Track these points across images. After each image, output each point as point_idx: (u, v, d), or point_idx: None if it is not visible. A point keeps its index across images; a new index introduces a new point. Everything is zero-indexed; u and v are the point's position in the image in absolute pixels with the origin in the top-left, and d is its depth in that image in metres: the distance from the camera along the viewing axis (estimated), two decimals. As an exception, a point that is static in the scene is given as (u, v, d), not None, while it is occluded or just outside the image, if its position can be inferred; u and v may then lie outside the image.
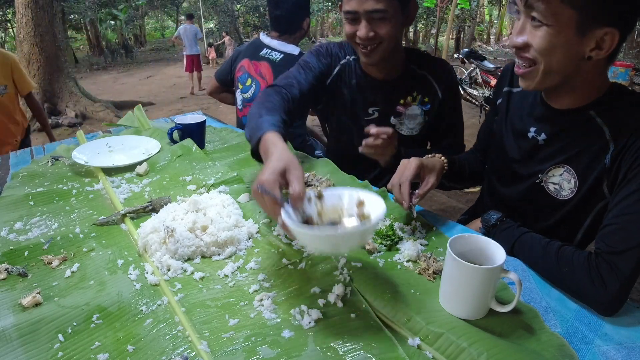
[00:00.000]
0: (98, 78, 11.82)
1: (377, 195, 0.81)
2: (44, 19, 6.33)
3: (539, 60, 0.85)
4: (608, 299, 0.77)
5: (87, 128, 6.42)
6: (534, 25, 0.83)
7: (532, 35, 0.84)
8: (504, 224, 0.98)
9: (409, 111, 1.42)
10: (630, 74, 4.54)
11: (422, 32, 21.14)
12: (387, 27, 1.24)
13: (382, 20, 1.23)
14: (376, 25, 1.24)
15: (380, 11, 1.21)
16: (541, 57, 0.85)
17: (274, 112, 1.11)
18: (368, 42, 1.26)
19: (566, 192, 0.96)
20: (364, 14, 1.22)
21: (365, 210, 0.82)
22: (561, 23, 0.79)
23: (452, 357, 0.67)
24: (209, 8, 19.42)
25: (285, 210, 0.73)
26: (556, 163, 0.97)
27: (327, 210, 0.84)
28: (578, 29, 0.79)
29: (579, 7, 0.77)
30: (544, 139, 0.99)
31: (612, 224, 0.82)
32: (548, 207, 1.00)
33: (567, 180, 0.95)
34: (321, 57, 1.44)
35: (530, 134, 1.02)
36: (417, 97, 1.40)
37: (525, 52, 0.87)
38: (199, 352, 0.69)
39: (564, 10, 0.78)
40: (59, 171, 1.36)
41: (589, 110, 0.90)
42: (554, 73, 0.86)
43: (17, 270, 0.87)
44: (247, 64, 1.96)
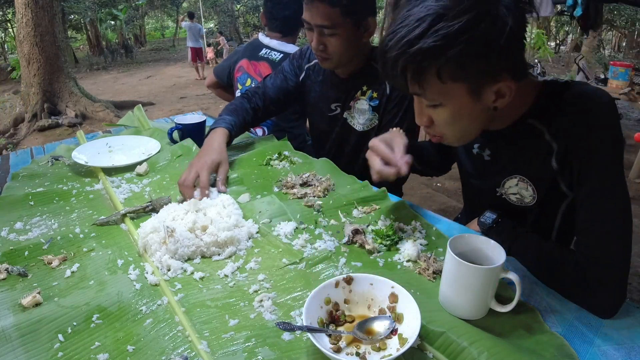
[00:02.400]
0: (98, 78, 11.81)
1: (409, 294, 0.73)
2: (44, 19, 6.32)
3: (445, 133, 0.86)
4: (602, 305, 0.78)
5: (87, 128, 6.42)
6: (429, 106, 0.81)
7: (432, 114, 0.83)
8: (500, 226, 0.97)
9: (357, 105, 1.42)
10: (630, 74, 4.53)
11: (422, 32, 21.10)
12: (337, 43, 1.27)
13: (332, 35, 1.26)
14: (326, 39, 1.27)
15: (328, 27, 1.24)
16: (447, 130, 0.85)
17: (233, 113, 1.42)
18: (318, 53, 1.31)
19: (528, 200, 0.96)
20: (315, 26, 1.25)
21: (397, 307, 0.74)
22: (453, 97, 0.78)
23: (453, 356, 0.67)
24: (209, 8, 19.41)
25: (315, 337, 0.66)
26: (507, 175, 0.97)
27: (356, 297, 0.77)
28: (472, 95, 0.77)
29: (463, 79, 0.75)
30: (488, 154, 0.99)
31: (584, 228, 0.82)
32: (517, 215, 1.00)
33: (525, 189, 0.95)
34: (295, 59, 1.55)
35: (475, 150, 1.02)
36: (367, 92, 1.40)
37: (431, 129, 0.87)
38: (199, 352, 0.69)
39: (450, 87, 0.76)
40: (59, 171, 1.36)
41: (527, 119, 0.88)
42: (467, 135, 0.87)
43: (17, 270, 0.87)
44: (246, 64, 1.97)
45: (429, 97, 0.79)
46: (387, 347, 0.69)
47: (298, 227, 1.03)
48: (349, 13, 1.22)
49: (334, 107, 1.47)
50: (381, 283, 0.76)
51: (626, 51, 13.77)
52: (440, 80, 0.74)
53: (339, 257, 0.92)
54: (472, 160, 1.06)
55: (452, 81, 0.75)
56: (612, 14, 12.18)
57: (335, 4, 1.19)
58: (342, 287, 0.77)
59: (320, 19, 1.23)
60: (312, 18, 1.24)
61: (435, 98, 0.78)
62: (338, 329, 0.72)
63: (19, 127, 6.63)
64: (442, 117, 0.81)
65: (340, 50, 1.28)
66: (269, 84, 1.54)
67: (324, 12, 1.21)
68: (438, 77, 0.74)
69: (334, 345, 0.69)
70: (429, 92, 0.77)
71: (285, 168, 1.37)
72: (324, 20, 1.22)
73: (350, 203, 1.13)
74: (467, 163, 1.09)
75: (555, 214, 0.97)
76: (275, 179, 1.29)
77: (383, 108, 1.39)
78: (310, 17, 1.25)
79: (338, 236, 0.99)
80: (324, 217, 1.08)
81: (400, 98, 1.35)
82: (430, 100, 0.79)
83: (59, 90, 6.86)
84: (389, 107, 1.37)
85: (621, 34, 15.79)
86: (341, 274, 0.85)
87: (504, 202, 1.01)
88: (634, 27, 13.80)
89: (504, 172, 0.97)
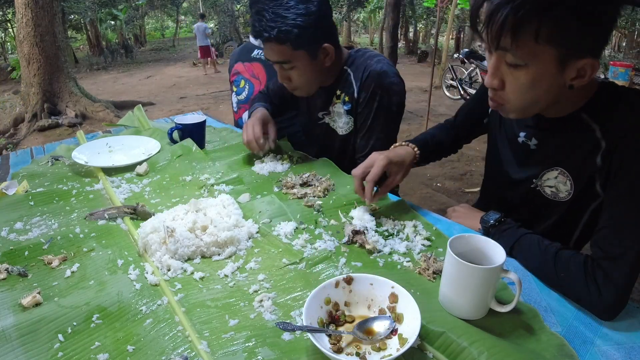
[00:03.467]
0: (98, 78, 11.81)
1: (409, 294, 0.73)
2: (44, 19, 6.33)
3: (511, 100, 0.84)
4: (604, 306, 0.77)
5: (87, 128, 6.42)
6: (511, 66, 0.79)
7: (509, 76, 0.81)
8: (503, 225, 0.97)
9: (335, 109, 1.44)
10: (630, 74, 4.53)
11: (422, 32, 21.14)
12: (298, 74, 1.31)
13: (292, 69, 1.29)
14: (288, 73, 1.31)
15: (285, 62, 1.27)
16: (515, 98, 0.83)
17: (262, 100, 1.59)
18: (287, 86, 1.37)
19: (563, 195, 0.95)
20: (274, 63, 1.30)
21: (397, 307, 0.74)
22: (541, 61, 0.77)
23: (453, 356, 0.67)
24: (209, 8, 19.41)
25: (315, 337, 0.66)
26: (549, 166, 0.96)
27: (356, 297, 0.77)
28: (559, 64, 0.77)
29: (558, 44, 0.74)
30: (535, 143, 0.98)
31: (605, 227, 0.82)
32: (545, 210, 1.00)
33: (563, 183, 0.95)
34: None
35: (520, 138, 1.01)
36: (341, 95, 1.41)
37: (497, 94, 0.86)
38: (199, 352, 0.69)
39: (542, 49, 0.75)
40: (59, 171, 1.36)
41: (581, 114, 0.88)
42: (534, 104, 0.85)
43: (17, 270, 0.87)
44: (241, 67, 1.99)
45: (518, 55, 0.76)
46: (387, 347, 0.69)
47: (298, 227, 1.03)
48: (299, 46, 1.23)
49: (321, 115, 1.49)
50: (381, 283, 0.76)
51: (626, 51, 13.77)
52: (536, 39, 0.73)
53: (339, 257, 0.92)
54: (515, 149, 1.04)
55: (546, 43, 0.73)
56: (612, 14, 12.17)
57: (283, 40, 1.21)
58: (342, 287, 0.77)
59: (276, 56, 1.26)
60: (269, 56, 1.29)
61: (523, 57, 0.76)
62: (338, 329, 0.72)
63: (19, 127, 6.63)
64: (521, 80, 0.80)
65: (303, 80, 1.32)
66: (270, 87, 1.63)
67: (276, 50, 1.25)
68: (535, 35, 0.72)
69: (334, 345, 0.69)
70: (520, 49, 0.75)
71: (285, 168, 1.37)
72: (279, 57, 1.26)
73: (350, 203, 1.13)
74: (507, 152, 1.08)
75: (582, 214, 0.96)
76: (275, 179, 1.29)
77: (354, 111, 1.39)
78: (269, 55, 1.29)
79: (338, 236, 0.99)
80: (324, 217, 1.08)
81: (368, 101, 1.33)
82: (517, 58, 0.77)
83: (59, 90, 6.86)
84: (359, 110, 1.37)
85: (621, 34, 15.79)
86: (341, 274, 0.85)
87: (537, 194, 1.00)
88: (634, 27, 13.80)
89: (546, 163, 0.96)
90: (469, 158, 4.55)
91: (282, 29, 1.18)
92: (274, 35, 1.20)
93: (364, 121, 1.36)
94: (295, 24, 1.19)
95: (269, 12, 1.20)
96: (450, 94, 7.82)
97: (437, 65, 8.95)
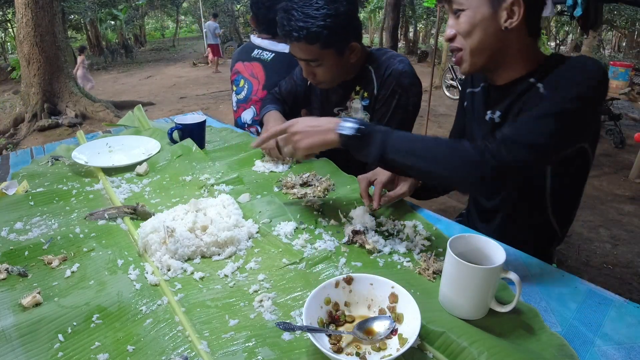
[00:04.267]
0: (98, 78, 11.79)
1: (409, 294, 0.73)
2: (44, 19, 6.32)
3: (464, 44, 0.95)
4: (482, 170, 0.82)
5: (87, 128, 6.42)
6: (456, 17, 0.94)
7: (456, 25, 0.95)
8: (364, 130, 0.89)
9: (353, 104, 1.45)
10: (630, 74, 4.52)
11: (422, 32, 21.13)
12: (324, 71, 1.32)
13: (319, 66, 1.30)
14: (313, 69, 1.32)
15: (313, 61, 1.28)
16: (465, 41, 0.95)
17: (274, 103, 1.58)
18: (311, 80, 1.37)
19: None
20: (300, 60, 1.31)
21: (397, 307, 0.74)
22: (474, 3, 0.91)
23: (453, 356, 0.67)
24: (209, 8, 19.41)
25: (315, 337, 0.66)
26: None
27: (356, 297, 0.77)
28: (489, 5, 0.90)
29: None
30: (499, 115, 1.04)
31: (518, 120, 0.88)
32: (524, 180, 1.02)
33: None
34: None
35: (488, 116, 1.06)
36: (360, 91, 1.42)
37: (454, 42, 0.97)
38: (199, 352, 0.69)
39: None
40: (59, 171, 1.36)
41: (529, 78, 0.96)
42: (478, 51, 0.95)
43: (17, 270, 0.87)
44: (241, 66, 1.99)
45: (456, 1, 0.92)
46: (387, 347, 0.69)
47: (298, 227, 1.03)
48: (328, 46, 1.25)
49: (337, 112, 1.50)
50: (381, 283, 0.76)
51: (626, 51, 13.77)
52: None
53: (339, 257, 0.92)
54: (484, 128, 1.08)
55: None
56: (612, 14, 12.18)
57: (314, 40, 1.22)
58: (342, 287, 0.77)
59: (304, 55, 1.28)
60: (296, 54, 1.30)
61: (462, 3, 0.92)
62: (338, 329, 0.72)
63: (19, 127, 6.63)
64: (463, 25, 0.93)
65: (328, 76, 1.34)
66: (283, 88, 1.65)
67: (304, 50, 1.26)
68: None
69: (334, 345, 0.69)
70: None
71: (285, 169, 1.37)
72: (307, 56, 1.27)
73: (350, 203, 1.13)
74: (478, 133, 1.12)
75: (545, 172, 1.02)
76: (275, 179, 1.29)
77: (372, 107, 1.42)
78: (296, 53, 1.30)
79: (338, 236, 0.99)
80: (324, 217, 1.08)
81: (387, 98, 1.36)
82: (456, 5, 0.93)
83: (59, 90, 6.85)
84: (377, 107, 1.40)
85: (621, 34, 15.79)
86: (341, 274, 0.85)
87: None
88: (634, 27, 13.80)
89: None
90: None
91: (311, 29, 1.20)
92: (304, 36, 1.20)
93: (381, 118, 1.38)
94: (325, 25, 1.20)
95: (298, 12, 1.20)
96: (450, 94, 7.82)
97: (437, 65, 8.95)
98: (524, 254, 0.95)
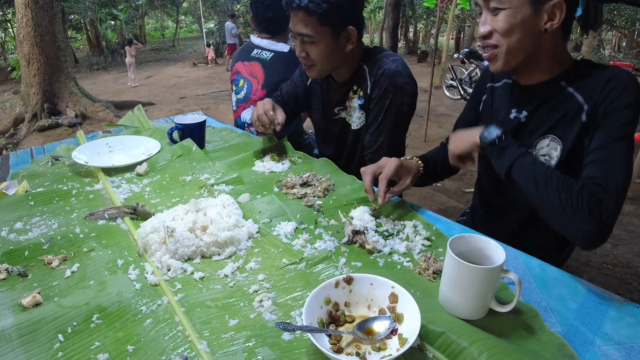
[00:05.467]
0: (98, 78, 11.81)
1: (409, 294, 0.73)
2: (44, 19, 6.32)
3: (501, 42, 0.95)
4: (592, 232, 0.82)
5: (87, 128, 6.42)
6: (494, 14, 0.93)
7: (493, 23, 0.94)
8: (503, 142, 0.95)
9: (351, 103, 1.45)
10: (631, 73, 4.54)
11: (422, 32, 21.13)
12: (317, 51, 1.31)
13: (312, 44, 1.30)
14: (307, 47, 1.32)
15: (307, 36, 1.28)
16: (503, 39, 0.94)
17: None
18: (302, 61, 1.36)
19: (554, 161, 1.00)
20: (296, 34, 1.30)
21: (397, 307, 0.74)
22: (516, 3, 0.90)
23: (453, 356, 0.67)
24: (209, 8, 19.40)
25: (315, 337, 0.66)
26: (541, 134, 1.01)
27: (356, 297, 0.77)
28: (531, 6, 0.90)
29: None
30: (525, 115, 1.04)
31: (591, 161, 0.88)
32: None
33: (555, 149, 1.00)
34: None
35: (512, 114, 1.06)
36: (357, 90, 1.43)
37: (489, 39, 0.96)
38: (199, 352, 0.69)
39: None
40: (59, 171, 1.36)
41: (559, 81, 0.97)
42: (516, 51, 0.95)
43: (17, 270, 0.87)
44: (240, 66, 2.00)
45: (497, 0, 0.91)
46: (387, 347, 0.69)
47: (298, 227, 1.03)
48: (326, 23, 1.25)
49: (337, 111, 1.50)
50: (381, 283, 0.76)
51: (626, 51, 13.77)
52: None
53: (339, 257, 0.92)
54: (507, 125, 1.07)
55: None
56: (612, 14, 12.18)
57: (312, 12, 1.22)
58: (342, 287, 0.77)
59: (300, 28, 1.27)
60: (294, 26, 1.29)
61: (502, 1, 0.91)
62: (338, 329, 0.72)
63: (19, 127, 6.63)
64: (502, 24, 0.92)
65: (320, 57, 1.33)
66: (284, 91, 1.65)
67: (302, 21, 1.26)
68: None
69: (334, 345, 0.69)
70: None
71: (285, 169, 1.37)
72: (303, 29, 1.27)
73: (350, 203, 1.13)
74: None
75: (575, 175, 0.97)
76: (275, 179, 1.29)
77: (367, 106, 1.42)
78: (293, 25, 1.29)
79: (338, 236, 0.99)
80: (324, 217, 1.08)
81: (380, 98, 1.35)
82: (496, 3, 0.92)
83: (59, 90, 6.85)
84: (371, 106, 1.40)
85: (621, 34, 15.79)
86: (341, 274, 0.85)
87: None
88: (634, 27, 13.79)
89: (538, 132, 1.02)
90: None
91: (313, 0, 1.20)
92: (304, 5, 1.21)
93: (375, 118, 1.38)
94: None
95: None
96: (450, 94, 7.82)
97: (437, 65, 8.96)
98: (524, 253, 0.95)
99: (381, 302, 0.76)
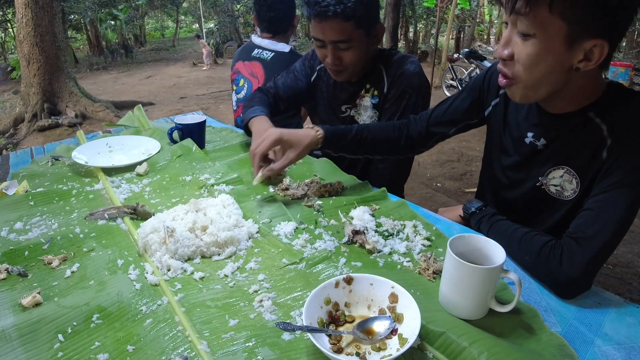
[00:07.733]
0: (98, 78, 11.80)
1: (409, 294, 0.73)
2: (44, 19, 6.32)
3: (519, 75, 0.84)
4: (564, 279, 0.81)
5: (87, 128, 6.42)
6: (521, 37, 0.80)
7: (518, 47, 0.82)
8: (481, 213, 1.04)
9: (363, 102, 1.45)
10: (630, 74, 4.54)
11: (422, 32, 21.12)
12: (352, 54, 1.30)
13: (348, 49, 1.29)
14: (341, 53, 1.30)
15: (344, 41, 1.26)
16: (523, 72, 0.83)
17: (261, 104, 1.45)
18: (334, 68, 1.34)
19: (568, 193, 0.95)
20: (329, 42, 1.28)
21: (397, 307, 0.74)
22: (549, 34, 0.77)
23: (453, 356, 0.67)
24: (209, 8, 19.40)
25: (315, 337, 0.66)
26: (555, 165, 0.96)
27: (356, 297, 0.77)
28: (566, 41, 0.77)
29: (569, 19, 0.75)
30: (543, 143, 0.97)
31: (587, 209, 0.85)
32: (548, 208, 1.00)
33: (569, 181, 0.94)
34: (307, 60, 1.59)
35: (528, 139, 1.00)
36: (370, 89, 1.43)
37: (507, 67, 0.86)
38: (199, 352, 0.69)
39: (553, 21, 0.75)
40: (59, 171, 1.36)
41: (588, 112, 0.88)
42: (538, 85, 0.85)
43: (17, 270, 0.87)
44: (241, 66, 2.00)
45: (529, 22, 0.77)
46: (387, 347, 0.69)
47: (298, 227, 1.03)
48: (362, 24, 1.25)
49: (345, 109, 1.50)
50: (381, 283, 0.76)
51: (626, 51, 13.76)
52: (549, 9, 0.74)
53: (339, 257, 0.92)
54: (521, 150, 1.03)
55: (558, 15, 0.75)
56: (612, 14, 12.15)
57: (350, 17, 1.21)
58: (342, 287, 0.77)
59: (335, 35, 1.25)
60: (325, 35, 1.26)
61: (534, 26, 0.77)
62: (338, 329, 0.72)
63: (19, 127, 6.63)
64: (527, 51, 0.80)
65: (354, 61, 1.32)
66: (279, 83, 1.58)
67: (338, 28, 1.23)
68: (549, 4, 0.74)
69: (334, 345, 0.69)
70: (533, 15, 0.76)
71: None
72: (339, 36, 1.25)
73: (350, 203, 1.13)
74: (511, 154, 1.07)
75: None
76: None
77: (381, 106, 1.42)
78: (323, 34, 1.26)
79: (338, 236, 0.99)
80: (324, 217, 1.08)
81: (397, 98, 1.37)
82: (528, 26, 0.78)
83: (59, 90, 6.85)
84: (386, 106, 1.40)
85: (621, 34, 15.75)
86: (341, 274, 0.85)
87: (541, 192, 1.00)
88: (634, 27, 13.80)
89: (552, 161, 0.97)
90: (469, 158, 4.56)
91: (348, 5, 1.20)
92: (341, 11, 1.20)
93: (390, 117, 1.39)
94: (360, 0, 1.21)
95: None
96: (450, 93, 7.81)
97: (437, 65, 8.96)
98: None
99: (381, 302, 0.76)
